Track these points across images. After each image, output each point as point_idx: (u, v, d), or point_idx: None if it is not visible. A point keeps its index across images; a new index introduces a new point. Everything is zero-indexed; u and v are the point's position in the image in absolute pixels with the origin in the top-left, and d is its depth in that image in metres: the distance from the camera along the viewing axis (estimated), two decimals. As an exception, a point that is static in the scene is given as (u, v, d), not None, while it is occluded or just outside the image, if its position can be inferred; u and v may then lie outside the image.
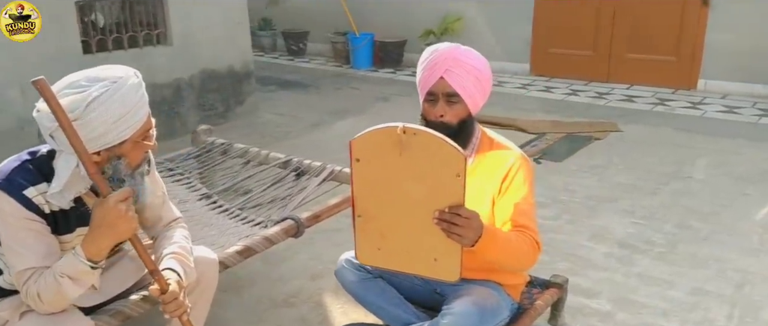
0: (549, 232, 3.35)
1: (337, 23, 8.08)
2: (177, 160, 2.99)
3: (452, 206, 1.57)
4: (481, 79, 1.85)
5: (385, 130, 1.56)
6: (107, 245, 1.54)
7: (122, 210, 1.51)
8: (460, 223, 1.58)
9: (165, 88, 4.99)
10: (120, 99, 1.52)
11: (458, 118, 1.82)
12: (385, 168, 1.58)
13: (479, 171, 1.92)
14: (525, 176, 1.89)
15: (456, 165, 1.52)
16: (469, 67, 1.82)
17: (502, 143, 1.97)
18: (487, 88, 1.88)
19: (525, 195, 1.88)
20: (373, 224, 1.71)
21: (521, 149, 2.00)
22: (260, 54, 8.87)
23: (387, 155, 1.56)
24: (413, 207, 1.61)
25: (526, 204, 1.88)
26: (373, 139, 1.58)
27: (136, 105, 1.56)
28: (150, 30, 4.89)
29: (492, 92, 1.98)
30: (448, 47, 1.86)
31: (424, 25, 7.38)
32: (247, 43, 5.67)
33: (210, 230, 2.42)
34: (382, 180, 1.62)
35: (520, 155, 1.92)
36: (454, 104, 1.81)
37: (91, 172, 1.49)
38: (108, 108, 1.50)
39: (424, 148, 1.53)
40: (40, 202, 1.56)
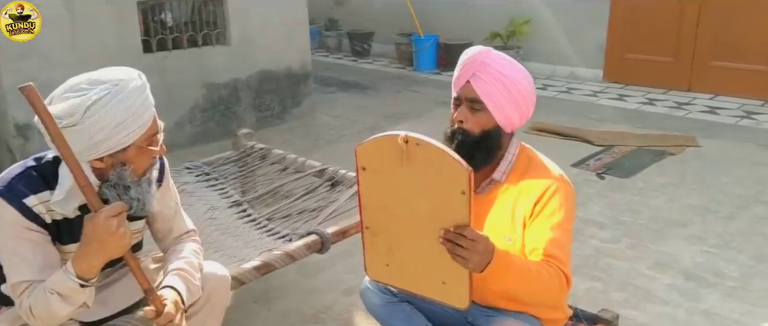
0: (605, 257, 3.07)
1: (402, 24, 7.95)
2: (215, 164, 2.94)
3: (457, 226, 1.41)
4: (513, 90, 1.64)
5: (389, 138, 1.42)
6: (98, 263, 1.46)
7: (113, 226, 1.42)
8: (464, 245, 1.41)
9: (222, 88, 5.01)
10: (121, 102, 1.44)
11: (481, 127, 1.64)
12: (390, 178, 1.46)
13: (512, 192, 1.72)
14: (561, 201, 1.67)
15: (461, 181, 1.36)
16: (498, 74, 1.63)
17: (542, 164, 1.76)
18: (521, 102, 1.67)
19: (559, 221, 1.66)
20: (381, 238, 1.58)
21: (585, 163, 1.77)
22: (325, 54, 8.87)
23: (391, 165, 1.43)
24: (419, 223, 1.47)
25: (559, 232, 1.67)
26: (377, 147, 1.46)
27: (139, 108, 1.48)
28: (209, 30, 4.92)
29: (558, 99, 1.77)
30: (479, 50, 1.68)
31: (491, 28, 7.12)
32: (306, 44, 5.62)
33: (234, 240, 2.33)
34: (389, 191, 1.49)
35: (559, 177, 1.71)
36: (477, 112, 1.64)
37: (81, 184, 1.41)
38: (108, 112, 1.43)
39: (428, 160, 1.39)
40: (41, 211, 1.51)
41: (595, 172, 4.15)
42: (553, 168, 1.75)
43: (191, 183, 2.77)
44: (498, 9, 7.31)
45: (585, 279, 2.87)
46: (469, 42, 7.53)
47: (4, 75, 3.86)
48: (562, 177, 1.71)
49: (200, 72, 4.83)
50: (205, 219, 2.50)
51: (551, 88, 6.65)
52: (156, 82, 4.48)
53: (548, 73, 7.22)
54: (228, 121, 5.09)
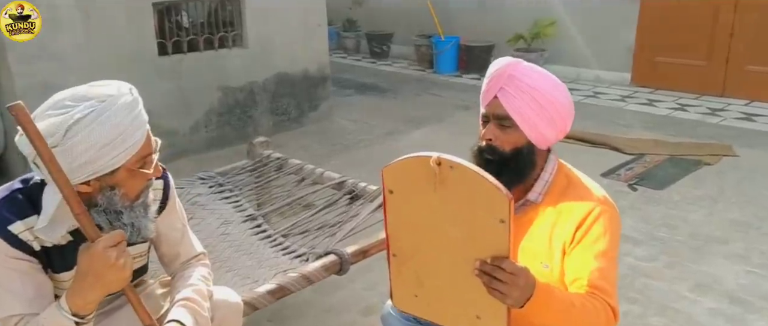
0: (641, 277, 2.88)
1: (422, 25, 7.79)
2: (230, 174, 2.80)
3: (495, 257, 1.27)
4: (545, 104, 1.48)
5: (419, 159, 1.28)
6: (95, 298, 1.31)
7: (111, 258, 1.27)
8: (503, 279, 1.26)
9: (238, 91, 4.88)
10: (108, 121, 1.29)
11: (512, 145, 1.49)
12: (420, 203, 1.32)
13: (549, 215, 1.56)
14: (606, 226, 1.50)
15: (499, 208, 1.22)
16: (528, 88, 1.47)
17: (583, 184, 1.59)
18: (556, 117, 1.50)
19: (603, 249, 1.50)
20: (409, 266, 1.43)
21: (615, 173, 1.60)
22: (343, 56, 8.73)
23: (422, 189, 1.29)
24: (452, 252, 1.33)
25: (604, 261, 1.50)
26: (406, 169, 1.32)
27: (128, 127, 1.32)
28: (226, 32, 4.79)
29: (583, 103, 1.61)
30: (507, 62, 1.51)
31: (514, 29, 6.92)
32: (324, 47, 5.48)
33: (248, 259, 2.19)
34: (419, 216, 1.35)
35: (603, 199, 1.53)
36: (507, 128, 1.48)
37: (76, 212, 1.27)
38: (93, 131, 1.27)
39: (463, 184, 1.25)
40: (28, 238, 1.36)
41: (626, 183, 3.95)
42: (595, 189, 1.58)
43: (204, 195, 2.63)
44: (522, 10, 7.11)
45: (621, 301, 2.64)
46: (490, 44, 7.37)
47: (17, 78, 3.77)
48: (606, 200, 1.54)
49: (216, 75, 4.71)
50: (217, 234, 2.36)
51: (577, 93, 6.43)
52: (171, 86, 4.43)
53: (573, 76, 7.00)
54: (244, 125, 4.96)
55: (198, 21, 4.77)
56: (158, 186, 1.63)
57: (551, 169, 1.58)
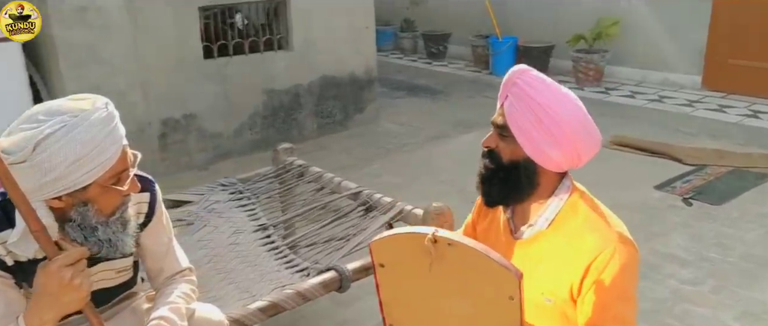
0: (683, 301, 2.66)
1: (480, 25, 7.59)
2: (251, 181, 2.79)
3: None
4: (546, 120, 1.34)
5: (411, 236, 1.21)
6: (51, 318, 1.30)
7: (66, 278, 1.26)
8: None
9: (283, 94, 4.90)
10: (78, 137, 1.27)
11: (508, 157, 1.39)
12: (416, 278, 1.24)
13: (557, 246, 1.42)
14: (621, 267, 1.35)
15: (508, 286, 1.14)
16: (528, 99, 1.35)
17: (595, 216, 1.42)
18: (559, 136, 1.35)
19: (619, 292, 1.35)
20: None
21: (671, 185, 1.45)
22: (399, 56, 8.65)
23: (416, 265, 1.21)
24: (457, 325, 1.26)
25: (621, 304, 1.36)
26: (398, 244, 1.24)
27: (100, 143, 1.30)
28: (271, 35, 4.83)
29: (646, 109, 1.46)
30: (514, 69, 1.41)
31: (575, 29, 6.61)
32: (372, 49, 5.43)
33: (251, 271, 2.16)
34: (415, 291, 1.28)
35: (616, 237, 1.37)
36: (505, 138, 1.38)
37: (32, 229, 1.26)
38: (62, 147, 1.25)
39: (463, 262, 1.17)
40: (1, 253, 1.37)
41: (681, 197, 3.67)
42: (613, 223, 1.43)
43: (222, 202, 2.63)
44: (584, 8, 6.79)
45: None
46: (550, 44, 7.10)
47: (67, 82, 3.92)
48: (622, 237, 1.38)
49: (261, 78, 4.75)
50: (227, 244, 2.35)
51: (640, 96, 6.08)
52: (217, 89, 4.50)
53: (638, 78, 6.63)
54: (288, 128, 4.99)
55: (258, 23, 4.83)
56: (144, 200, 1.61)
57: (563, 196, 1.44)
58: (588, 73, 6.51)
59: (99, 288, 1.58)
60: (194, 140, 4.51)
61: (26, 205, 1.25)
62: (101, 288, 1.59)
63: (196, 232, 2.44)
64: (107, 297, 1.65)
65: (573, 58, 6.60)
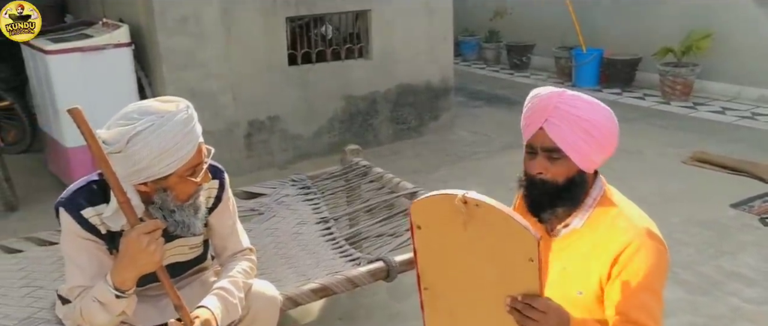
0: (743, 320, 2.61)
1: (565, 37, 7.53)
2: (318, 178, 3.01)
3: (526, 295, 1.29)
4: (595, 133, 1.46)
5: (446, 197, 1.31)
6: (131, 276, 1.55)
7: (143, 243, 1.50)
8: (534, 317, 1.29)
9: (360, 100, 5.14)
10: (163, 135, 1.51)
11: (564, 176, 1.48)
12: (449, 239, 1.35)
13: (588, 242, 1.53)
14: (646, 259, 1.44)
15: (528, 248, 1.23)
16: (575, 118, 1.45)
17: (624, 212, 1.53)
18: (605, 143, 1.48)
19: (645, 283, 1.44)
20: (441, 301, 1.48)
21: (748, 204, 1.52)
22: (482, 66, 8.72)
23: (451, 226, 1.32)
24: (484, 288, 1.35)
25: (646, 295, 1.44)
26: (434, 205, 1.35)
27: (180, 141, 1.54)
28: (352, 44, 5.08)
29: (736, 125, 1.54)
30: (550, 93, 1.50)
31: (665, 42, 6.43)
32: (449, 59, 5.56)
33: (309, 258, 2.37)
34: (448, 252, 1.38)
35: (644, 232, 1.47)
36: (556, 160, 1.47)
37: (120, 201, 1.51)
38: (149, 143, 1.50)
39: (490, 223, 1.27)
40: (97, 223, 1.64)
41: (758, 216, 3.54)
42: (639, 218, 1.52)
43: (291, 196, 2.87)
44: (674, 20, 6.59)
45: (709, 344, 2.46)
46: (636, 57, 6.94)
47: (168, 84, 4.34)
48: (649, 231, 1.48)
49: (341, 84, 5.01)
50: (291, 233, 2.57)
51: (731, 113, 5.84)
52: (299, 93, 4.81)
53: (732, 94, 6.35)
54: (364, 132, 5.21)
55: (346, 32, 5.11)
56: (213, 185, 1.84)
57: (596, 195, 1.55)
58: (675, 87, 6.31)
59: (175, 261, 1.84)
60: (277, 141, 4.83)
61: (116, 182, 1.50)
62: (176, 262, 1.86)
63: (265, 221, 2.68)
64: (181, 269, 1.91)
65: (660, 71, 6.42)
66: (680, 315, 2.66)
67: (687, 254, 3.15)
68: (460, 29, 9.37)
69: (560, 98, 1.47)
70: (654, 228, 1.50)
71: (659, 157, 4.67)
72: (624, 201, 1.57)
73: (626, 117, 5.87)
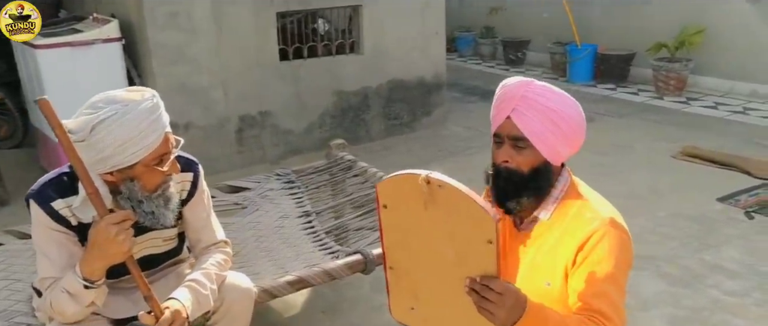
0: (722, 312, 2.62)
1: (560, 33, 7.53)
2: (303, 173, 3.02)
3: (484, 276, 1.29)
4: (562, 124, 1.46)
5: (411, 176, 1.31)
6: (99, 266, 1.55)
7: (111, 234, 1.51)
8: (491, 298, 1.29)
9: (352, 96, 5.15)
10: (127, 123, 1.51)
11: (529, 166, 1.49)
12: (412, 220, 1.35)
13: (555, 233, 1.54)
14: (609, 248, 1.45)
15: (487, 229, 1.24)
16: (542, 108, 1.46)
17: (590, 203, 1.54)
18: (571, 135, 1.49)
19: (607, 272, 1.45)
20: (405, 280, 1.49)
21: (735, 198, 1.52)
22: (478, 62, 8.72)
23: (413, 206, 1.32)
24: (445, 268, 1.35)
25: (607, 284, 1.45)
26: (399, 185, 1.35)
27: (145, 130, 1.54)
28: (343, 39, 5.08)
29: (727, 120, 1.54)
30: (518, 82, 1.51)
31: (659, 37, 6.42)
32: (441, 55, 5.56)
33: (289, 251, 2.38)
34: (412, 232, 1.39)
35: (608, 221, 1.48)
36: (522, 150, 1.48)
37: (88, 191, 1.51)
38: (112, 131, 1.51)
39: (451, 204, 1.27)
40: (67, 214, 1.65)
41: (743, 210, 3.55)
42: (603, 209, 1.53)
43: (275, 190, 2.88)
44: (668, 16, 6.59)
45: (687, 336, 2.47)
46: (630, 53, 6.94)
47: (158, 78, 4.34)
48: (613, 221, 1.49)
49: (332, 80, 5.02)
50: (273, 226, 2.59)
51: (723, 108, 5.83)
52: (289, 89, 4.82)
53: (725, 89, 6.34)
54: (356, 128, 5.22)
55: (340, 28, 5.10)
56: (187, 178, 1.85)
57: (562, 187, 1.56)
58: (669, 82, 6.30)
59: (149, 253, 1.85)
60: (268, 136, 4.84)
61: (84, 173, 1.50)
62: (151, 254, 1.86)
63: (248, 215, 2.69)
64: (156, 262, 1.91)
65: (653, 66, 6.42)
66: (662, 307, 2.67)
67: (671, 247, 3.15)
68: (456, 25, 9.38)
69: (528, 88, 1.48)
70: (619, 218, 1.51)
71: (649, 152, 4.67)
72: (590, 193, 1.58)
73: (619, 112, 5.88)
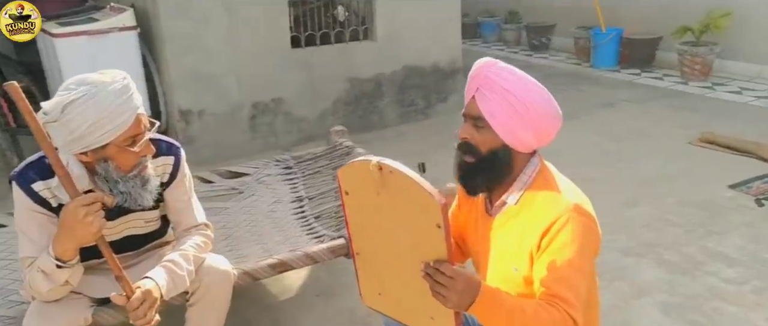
0: (717, 299, 2.57)
1: (585, 17, 7.38)
2: (302, 159, 3.07)
3: (437, 260, 1.31)
4: (519, 108, 1.45)
5: (364, 163, 1.34)
6: (70, 247, 1.62)
7: (80, 215, 1.56)
8: (442, 282, 1.31)
9: (365, 82, 5.16)
10: (97, 104, 1.56)
11: (487, 147, 1.49)
12: (371, 205, 1.38)
13: (522, 219, 1.54)
14: (573, 234, 1.44)
15: (434, 213, 1.26)
16: (501, 90, 1.45)
17: (556, 189, 1.53)
18: (533, 121, 1.47)
19: (569, 257, 1.44)
20: (370, 266, 1.52)
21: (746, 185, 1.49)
22: (501, 48, 8.62)
23: (369, 192, 1.35)
24: (403, 254, 1.38)
25: (569, 270, 1.44)
26: (356, 171, 1.38)
27: (114, 111, 1.59)
28: (356, 26, 5.09)
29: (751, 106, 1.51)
30: (483, 63, 1.51)
31: (686, 21, 6.24)
32: (457, 41, 5.52)
33: (276, 235, 2.43)
34: (372, 218, 1.41)
35: (572, 207, 1.46)
36: (481, 129, 1.48)
37: (58, 174, 1.58)
38: (82, 112, 1.56)
39: (402, 189, 1.29)
40: (47, 196, 1.72)
41: (754, 197, 3.45)
42: (569, 195, 1.52)
43: (272, 176, 2.93)
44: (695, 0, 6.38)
45: (680, 322, 2.43)
46: (656, 37, 6.76)
47: (172, 67, 4.44)
48: (578, 207, 1.47)
49: (345, 67, 5.04)
50: (266, 211, 2.64)
51: (747, 93, 5.65)
52: (302, 76, 4.86)
53: (752, 74, 6.14)
54: (370, 115, 5.24)
55: (360, 15, 5.11)
56: (168, 162, 1.91)
57: (531, 172, 1.55)
58: (694, 67, 6.13)
59: (131, 234, 1.92)
60: (281, 123, 4.90)
61: (54, 156, 1.57)
62: (133, 235, 1.93)
63: (243, 200, 2.75)
64: (139, 243, 1.98)
65: (678, 51, 6.25)
66: (655, 294, 2.63)
67: (674, 234, 3.10)
68: (480, 10, 9.28)
69: (490, 69, 1.47)
70: (585, 204, 1.49)
71: (666, 138, 4.56)
72: (559, 180, 1.56)
73: (640, 98, 5.75)
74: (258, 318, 2.64)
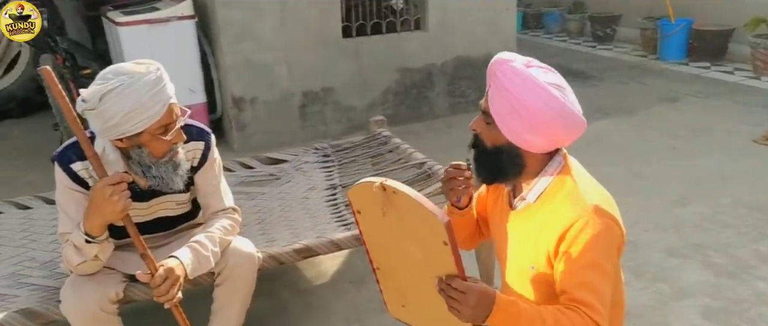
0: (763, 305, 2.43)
1: (653, 6, 7.06)
2: (340, 148, 3.10)
3: (448, 276, 1.33)
4: (520, 110, 1.40)
5: (368, 184, 1.37)
6: (97, 223, 1.71)
7: (107, 193, 1.65)
8: (455, 297, 1.32)
9: (416, 72, 5.15)
10: (131, 94, 1.65)
11: (492, 142, 1.48)
12: (382, 224, 1.40)
13: (540, 218, 1.50)
14: (592, 237, 1.39)
15: (438, 232, 1.27)
16: (505, 91, 1.41)
17: (578, 189, 1.46)
18: (538, 127, 1.41)
19: (590, 260, 1.39)
20: (390, 279, 1.55)
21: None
22: (564, 39, 8.38)
23: (377, 211, 1.38)
24: (417, 269, 1.41)
25: (591, 273, 1.39)
26: (364, 192, 1.40)
27: (148, 101, 1.68)
28: (408, 16, 5.08)
29: None
30: (496, 59, 1.47)
31: (758, 12, 5.86)
32: (511, 31, 5.41)
33: (307, 222, 2.47)
34: (385, 235, 1.44)
35: (591, 209, 1.41)
36: (489, 124, 1.47)
37: (88, 155, 1.67)
38: (118, 101, 1.65)
39: (405, 209, 1.31)
40: (85, 176, 1.83)
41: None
42: (589, 195, 1.45)
43: (310, 163, 2.98)
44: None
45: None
46: (728, 28, 6.40)
47: (227, 55, 4.58)
48: (597, 209, 1.41)
49: (395, 57, 5.04)
50: (300, 198, 2.69)
51: (826, 88, 5.28)
52: (352, 66, 4.91)
53: (836, 68, 5.71)
54: (419, 105, 5.23)
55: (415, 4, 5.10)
56: (198, 147, 1.98)
57: (553, 171, 1.51)
58: (767, 61, 5.76)
59: (164, 215, 2.02)
60: (330, 112, 4.97)
61: (84, 139, 1.66)
62: (165, 216, 2.02)
63: (280, 186, 2.82)
64: (171, 224, 2.07)
65: (751, 44, 5.89)
66: (698, 297, 2.51)
67: (726, 236, 2.94)
68: (544, 1, 9.06)
69: (500, 67, 1.43)
70: (605, 205, 1.43)
71: (728, 135, 4.32)
72: (582, 179, 1.50)
73: (706, 92, 5.47)
74: (292, 301, 2.70)
